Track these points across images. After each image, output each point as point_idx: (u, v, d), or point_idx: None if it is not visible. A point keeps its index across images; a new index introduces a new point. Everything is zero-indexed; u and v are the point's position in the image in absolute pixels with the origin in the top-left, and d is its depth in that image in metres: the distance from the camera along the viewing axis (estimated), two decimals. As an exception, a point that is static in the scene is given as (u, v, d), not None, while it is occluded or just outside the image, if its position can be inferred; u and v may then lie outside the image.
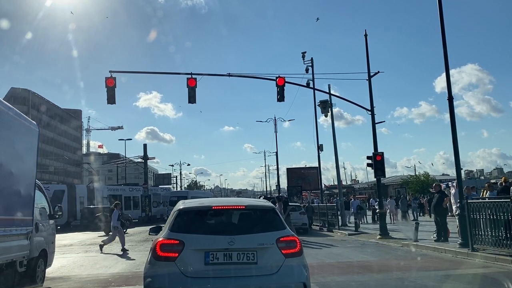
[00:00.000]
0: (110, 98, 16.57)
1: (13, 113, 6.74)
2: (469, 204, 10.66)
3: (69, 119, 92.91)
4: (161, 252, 4.59)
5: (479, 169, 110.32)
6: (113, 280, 8.87)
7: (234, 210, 5.14)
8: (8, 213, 6.46)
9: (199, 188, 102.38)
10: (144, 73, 22.91)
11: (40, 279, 8.11)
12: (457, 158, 11.94)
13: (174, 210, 5.15)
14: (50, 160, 78.82)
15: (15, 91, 71.73)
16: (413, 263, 10.65)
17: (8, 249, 6.43)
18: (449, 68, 12.22)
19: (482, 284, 7.77)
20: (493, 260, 9.42)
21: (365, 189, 71.82)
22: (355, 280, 8.15)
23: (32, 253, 7.51)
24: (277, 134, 46.53)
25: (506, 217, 9.37)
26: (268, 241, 4.63)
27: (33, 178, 7.64)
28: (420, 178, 58.81)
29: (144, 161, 44.66)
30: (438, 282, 7.81)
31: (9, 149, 6.55)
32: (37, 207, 7.99)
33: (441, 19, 12.34)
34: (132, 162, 64.52)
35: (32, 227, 7.43)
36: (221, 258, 4.49)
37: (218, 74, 20.70)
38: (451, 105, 12.09)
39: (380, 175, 18.23)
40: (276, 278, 4.50)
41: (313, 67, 25.94)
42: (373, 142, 18.23)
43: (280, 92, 17.37)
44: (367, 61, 18.57)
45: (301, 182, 38.73)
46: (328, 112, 24.55)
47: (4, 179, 6.31)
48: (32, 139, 7.73)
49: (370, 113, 18.33)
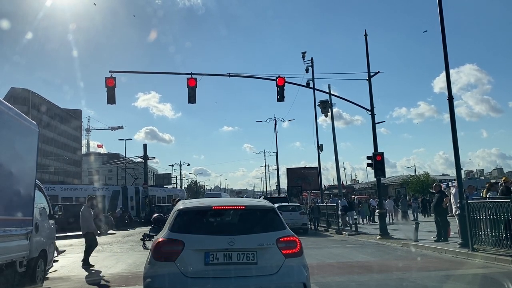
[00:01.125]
0: (110, 98, 16.57)
1: (13, 113, 6.74)
2: (469, 204, 10.66)
3: (69, 119, 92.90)
4: (161, 252, 4.59)
5: (479, 169, 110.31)
6: (113, 280, 8.87)
7: (234, 210, 5.14)
8: (8, 213, 6.46)
9: (199, 188, 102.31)
10: (145, 73, 22.89)
11: (40, 279, 8.09)
12: (457, 158, 11.93)
13: (174, 210, 5.16)
14: (50, 160, 78.80)
15: (15, 91, 71.71)
16: (413, 263, 10.64)
17: (8, 249, 6.42)
18: (449, 68, 12.23)
19: (482, 284, 7.77)
20: (493, 260, 9.42)
21: (365, 189, 71.83)
22: (355, 280, 8.15)
23: (32, 253, 7.50)
24: (277, 134, 46.60)
25: (506, 217, 9.37)
26: (268, 241, 4.63)
27: (33, 178, 7.63)
28: (420, 178, 58.82)
29: (144, 161, 44.68)
30: (438, 282, 7.81)
31: (9, 149, 6.54)
32: (37, 207, 7.98)
33: (441, 18, 12.33)
34: (132, 162, 64.47)
35: (32, 227, 7.42)
36: (221, 258, 4.49)
37: (218, 74, 20.75)
38: (451, 105, 12.08)
39: (380, 175, 18.23)
40: (276, 278, 4.49)
41: (313, 67, 26.02)
42: (373, 142, 18.23)
43: (280, 92, 17.37)
44: (367, 61, 18.60)
45: (301, 182, 38.82)
46: (328, 112, 24.61)
47: (4, 179, 6.30)
48: (32, 139, 7.73)
49: (370, 113, 18.33)
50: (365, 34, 18.70)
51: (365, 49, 18.51)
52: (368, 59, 18.54)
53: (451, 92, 12.11)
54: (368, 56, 18.54)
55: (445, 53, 12.08)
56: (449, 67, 12.19)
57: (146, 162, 45.12)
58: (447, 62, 12.13)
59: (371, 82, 18.56)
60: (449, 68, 12.24)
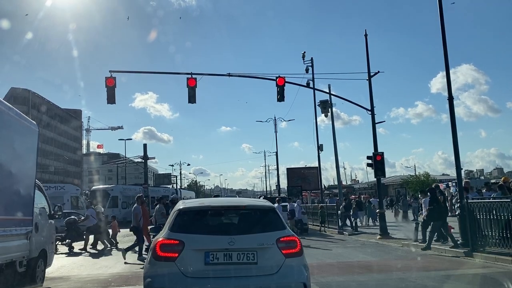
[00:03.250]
0: (110, 97, 16.56)
1: (13, 113, 6.74)
2: (469, 204, 10.66)
3: (69, 119, 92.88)
4: (161, 252, 4.58)
5: (479, 169, 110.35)
6: (113, 280, 8.87)
7: (234, 210, 5.14)
8: (8, 213, 6.45)
9: (199, 188, 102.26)
10: (145, 73, 22.88)
11: (40, 279, 8.10)
12: (457, 158, 11.91)
13: (174, 210, 5.15)
14: (50, 160, 78.75)
15: (15, 91, 71.68)
16: (413, 263, 10.64)
17: (8, 249, 6.42)
18: (449, 68, 12.21)
19: (482, 284, 7.77)
20: (493, 260, 9.42)
21: (365, 189, 71.86)
22: (355, 280, 8.15)
23: (32, 253, 7.51)
24: (277, 134, 46.57)
25: (506, 217, 9.37)
26: (268, 241, 4.62)
27: (33, 178, 7.63)
28: (420, 178, 58.84)
29: (144, 161, 44.61)
30: (438, 282, 7.81)
31: (9, 149, 6.54)
32: (37, 207, 7.99)
33: (441, 18, 12.31)
34: (132, 162, 64.48)
35: (32, 227, 7.42)
36: (221, 258, 4.48)
37: (218, 74, 20.71)
38: (451, 105, 12.07)
39: (380, 175, 18.22)
40: (276, 278, 4.49)
41: (313, 67, 25.99)
42: (373, 142, 18.20)
43: (280, 92, 17.37)
44: (367, 61, 18.59)
45: (301, 182, 38.78)
46: (328, 112, 24.59)
47: (4, 179, 6.30)
48: (32, 139, 7.73)
49: (370, 113, 18.32)
50: (365, 34, 18.71)
51: (365, 49, 18.52)
52: (368, 59, 18.56)
53: (451, 92, 12.11)
54: (368, 56, 18.55)
55: (445, 53, 12.04)
56: (449, 67, 12.19)
57: (146, 162, 45.05)
58: (447, 62, 12.08)
59: (371, 82, 18.59)
60: (448, 68, 12.22)
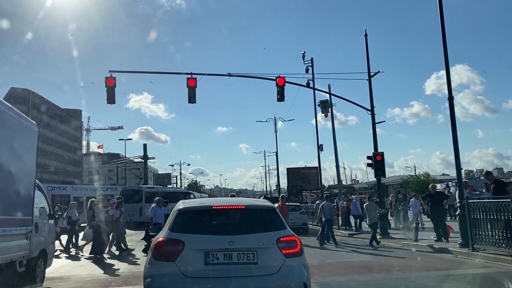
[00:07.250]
0: (110, 97, 16.55)
1: (13, 113, 6.73)
2: (469, 204, 10.65)
3: (69, 119, 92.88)
4: (161, 252, 4.58)
5: (478, 169, 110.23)
6: (113, 280, 8.87)
7: (234, 210, 5.13)
8: (8, 213, 6.45)
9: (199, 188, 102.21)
10: (145, 73, 22.77)
11: (40, 279, 8.10)
12: (457, 158, 11.90)
13: (174, 210, 5.14)
14: (50, 160, 78.76)
15: (15, 91, 71.69)
16: (413, 263, 10.64)
17: (8, 249, 6.41)
18: (449, 68, 12.22)
19: (482, 284, 7.76)
20: (493, 260, 9.41)
21: (365, 189, 71.78)
22: (355, 280, 8.15)
23: (32, 253, 7.50)
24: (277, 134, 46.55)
25: (506, 217, 9.36)
26: (268, 241, 4.62)
27: (33, 178, 7.62)
28: (420, 178, 58.78)
29: (144, 161, 44.74)
30: (438, 282, 7.80)
31: (9, 149, 6.53)
32: (37, 207, 7.98)
33: (441, 18, 12.31)
34: (132, 162, 64.48)
35: (31, 227, 7.41)
36: (221, 258, 4.48)
37: (218, 74, 20.73)
38: (451, 105, 12.06)
39: (380, 175, 18.22)
40: (277, 278, 4.49)
41: (313, 67, 25.97)
42: (373, 142, 18.21)
43: (280, 92, 17.37)
44: (367, 61, 18.62)
45: (301, 182, 38.76)
46: (328, 112, 24.54)
47: (4, 179, 6.29)
48: (32, 139, 7.72)
49: (370, 113, 18.32)
50: (365, 34, 18.73)
51: (365, 49, 18.55)
52: (368, 59, 18.59)
53: (451, 91, 12.11)
54: (368, 56, 18.58)
55: (445, 53, 12.03)
56: (449, 67, 12.18)
57: (146, 162, 45.18)
58: (447, 61, 12.08)
59: (371, 82, 18.59)
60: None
